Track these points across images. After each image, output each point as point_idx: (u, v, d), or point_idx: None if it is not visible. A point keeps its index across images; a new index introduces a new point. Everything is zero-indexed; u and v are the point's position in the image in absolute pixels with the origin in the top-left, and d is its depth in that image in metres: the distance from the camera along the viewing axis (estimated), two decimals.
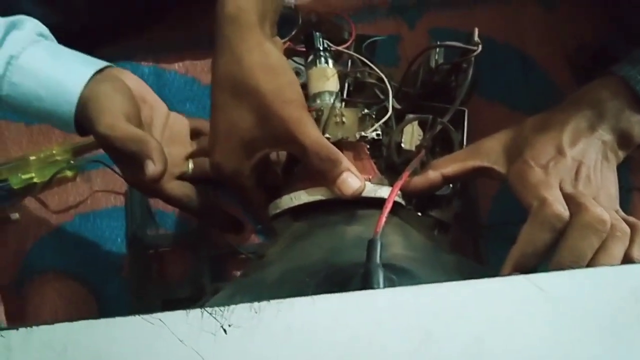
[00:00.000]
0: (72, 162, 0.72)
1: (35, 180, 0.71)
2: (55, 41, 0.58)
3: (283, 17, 0.78)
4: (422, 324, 0.33)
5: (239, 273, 0.68)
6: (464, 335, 0.32)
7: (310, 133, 0.46)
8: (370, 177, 0.48)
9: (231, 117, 0.49)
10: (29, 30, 0.55)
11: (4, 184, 0.71)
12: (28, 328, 0.32)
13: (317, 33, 0.56)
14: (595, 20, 0.83)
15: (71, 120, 0.54)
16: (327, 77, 0.52)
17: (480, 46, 0.62)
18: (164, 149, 0.51)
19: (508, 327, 0.33)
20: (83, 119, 0.53)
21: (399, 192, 0.49)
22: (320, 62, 0.53)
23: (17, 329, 0.32)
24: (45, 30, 0.58)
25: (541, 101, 0.80)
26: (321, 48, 0.54)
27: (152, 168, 0.49)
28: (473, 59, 0.63)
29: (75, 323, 0.32)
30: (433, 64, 0.63)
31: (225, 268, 0.71)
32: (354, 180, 0.46)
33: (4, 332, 0.32)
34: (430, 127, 0.60)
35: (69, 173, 0.72)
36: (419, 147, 0.58)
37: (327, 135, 0.48)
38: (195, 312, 0.32)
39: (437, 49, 0.65)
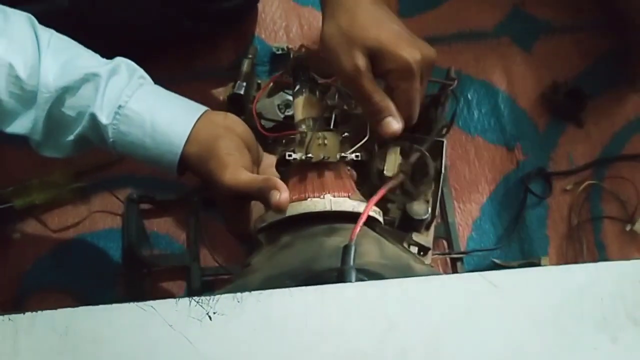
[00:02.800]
0: (72, 185, 0.77)
1: (36, 201, 0.75)
2: (151, 81, 0.61)
3: (277, 57, 0.85)
4: (386, 315, 0.36)
5: None
6: (424, 325, 0.36)
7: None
8: (350, 194, 0.53)
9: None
10: (129, 74, 0.59)
11: (7, 205, 0.75)
12: (33, 312, 0.36)
13: (304, 65, 0.61)
14: (569, 61, 0.89)
15: (174, 168, 0.57)
16: (311, 105, 0.57)
17: (456, 81, 0.67)
18: None
19: (464, 318, 0.37)
20: (198, 169, 0.57)
21: (377, 210, 0.53)
22: (305, 92, 0.58)
23: (24, 313, 0.36)
24: (141, 70, 0.61)
25: (518, 135, 0.85)
26: (305, 79, 0.59)
27: (278, 195, 0.51)
28: (450, 92, 0.68)
29: (76, 309, 0.36)
30: None
31: (214, 288, 0.75)
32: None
33: (12, 316, 0.36)
34: (409, 155, 0.65)
35: (68, 195, 0.76)
36: (397, 174, 0.63)
37: (310, 155, 0.53)
38: (184, 301, 0.36)
39: None
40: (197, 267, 0.74)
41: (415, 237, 0.67)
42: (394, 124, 0.55)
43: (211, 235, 0.76)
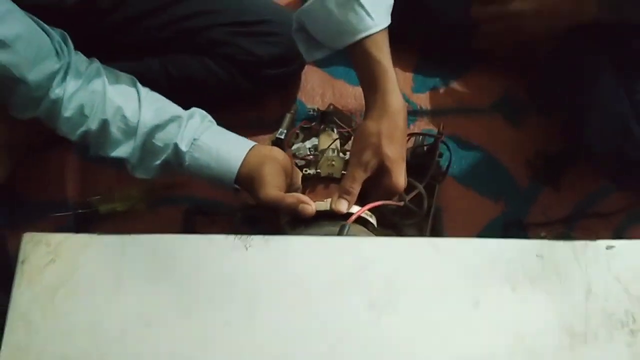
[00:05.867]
0: (146, 199, 0.98)
1: (117, 209, 0.97)
2: (216, 124, 0.83)
3: (310, 116, 1.07)
4: (362, 257, 0.55)
5: None
6: (386, 265, 0.55)
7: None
8: None
9: None
10: (201, 118, 0.81)
11: (93, 210, 0.97)
12: (134, 235, 0.56)
13: (330, 115, 0.83)
14: (550, 134, 1.08)
15: (231, 185, 0.79)
16: (330, 139, 0.78)
17: (443, 136, 0.88)
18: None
19: (411, 271, 0.55)
20: (247, 186, 0.78)
21: (370, 214, 0.72)
22: (327, 130, 0.80)
23: (130, 235, 0.56)
24: (209, 116, 0.83)
25: (502, 191, 1.04)
26: (328, 123, 0.81)
27: (305, 208, 0.70)
28: (440, 142, 0.88)
29: (162, 235, 0.56)
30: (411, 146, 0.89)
31: None
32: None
33: (122, 237, 0.56)
34: (408, 191, 0.84)
35: (142, 206, 0.98)
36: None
37: (319, 171, 0.74)
38: (230, 237, 0.56)
39: (418, 137, 0.92)
40: None
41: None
42: (341, 205, 0.72)
43: None
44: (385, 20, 0.75)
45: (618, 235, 1.00)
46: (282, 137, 0.98)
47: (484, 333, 0.53)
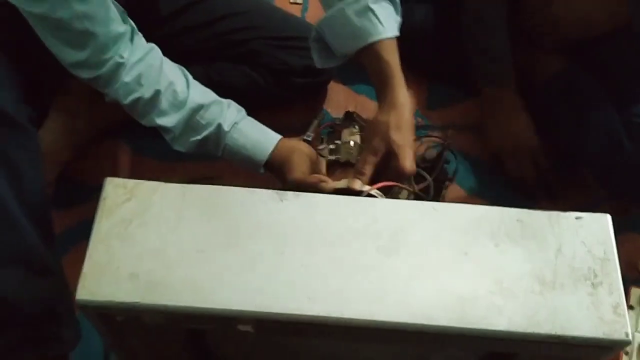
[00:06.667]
0: None
1: None
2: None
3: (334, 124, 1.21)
4: (366, 216, 0.68)
5: None
6: (388, 225, 0.68)
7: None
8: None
9: None
10: (238, 109, 0.96)
11: None
12: (192, 185, 0.69)
13: (352, 115, 0.97)
14: (547, 149, 1.21)
15: (261, 166, 0.93)
16: (351, 134, 0.93)
17: (449, 141, 1.01)
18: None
19: (413, 225, 0.68)
20: (276, 168, 0.92)
21: (379, 193, 0.85)
22: (350, 127, 0.94)
23: (189, 184, 0.69)
24: (242, 108, 0.97)
25: (502, 199, 1.17)
26: (351, 120, 0.95)
27: (325, 185, 0.85)
28: (447, 148, 1.02)
29: (217, 187, 0.69)
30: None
31: None
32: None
33: (183, 186, 0.69)
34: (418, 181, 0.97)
35: None
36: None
37: (339, 156, 0.88)
38: (269, 191, 0.69)
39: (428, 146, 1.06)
40: None
41: None
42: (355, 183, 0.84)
43: None
44: (394, 31, 0.90)
45: None
46: (309, 139, 1.12)
47: (470, 277, 0.66)
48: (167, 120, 0.93)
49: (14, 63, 0.88)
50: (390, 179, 0.85)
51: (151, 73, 0.90)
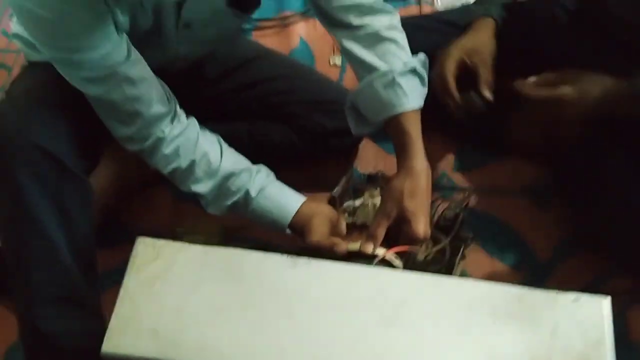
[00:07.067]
0: (221, 235, 1.19)
1: (197, 240, 1.16)
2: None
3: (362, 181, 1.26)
4: (372, 286, 0.73)
5: None
6: (392, 297, 0.72)
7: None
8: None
9: None
10: (267, 174, 1.02)
11: (177, 238, 1.18)
12: (213, 247, 0.76)
13: (376, 176, 1.03)
14: (574, 218, 1.22)
15: (285, 228, 1.00)
16: (372, 195, 0.98)
17: (468, 199, 1.05)
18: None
19: (415, 299, 0.72)
20: (298, 230, 0.99)
21: (396, 257, 0.89)
22: (371, 188, 1.00)
23: (211, 246, 0.76)
24: (271, 172, 1.03)
25: (522, 263, 1.19)
26: (373, 181, 1.01)
27: (339, 248, 0.91)
28: (465, 206, 1.05)
29: (234, 249, 0.76)
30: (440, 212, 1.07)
31: None
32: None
33: (205, 247, 0.76)
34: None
35: (217, 241, 1.19)
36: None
37: (356, 219, 0.94)
38: (283, 256, 0.75)
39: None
40: None
41: None
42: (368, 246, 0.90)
43: None
44: (419, 102, 0.96)
45: (621, 314, 1.12)
46: (336, 195, 1.18)
47: (466, 354, 0.70)
48: (201, 187, 1.01)
49: (73, 119, 0.97)
50: (405, 243, 0.90)
51: (188, 145, 0.99)
